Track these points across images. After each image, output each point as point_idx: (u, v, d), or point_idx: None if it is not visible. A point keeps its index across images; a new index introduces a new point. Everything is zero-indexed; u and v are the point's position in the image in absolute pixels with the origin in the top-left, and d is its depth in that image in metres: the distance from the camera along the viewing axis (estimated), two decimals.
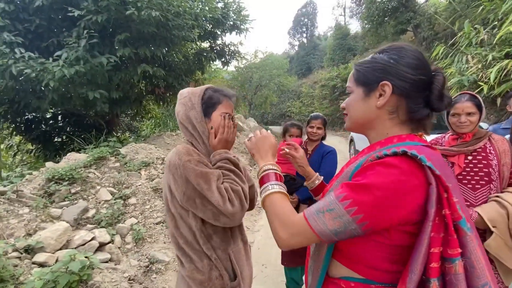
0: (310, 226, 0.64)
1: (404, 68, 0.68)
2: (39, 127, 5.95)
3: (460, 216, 0.57)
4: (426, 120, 0.71)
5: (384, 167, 0.60)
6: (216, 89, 1.10)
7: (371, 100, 0.71)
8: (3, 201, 2.49)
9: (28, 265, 2.08)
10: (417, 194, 0.58)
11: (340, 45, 21.14)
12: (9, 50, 3.57)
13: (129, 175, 3.83)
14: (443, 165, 0.62)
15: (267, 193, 0.76)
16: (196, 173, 0.94)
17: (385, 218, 0.59)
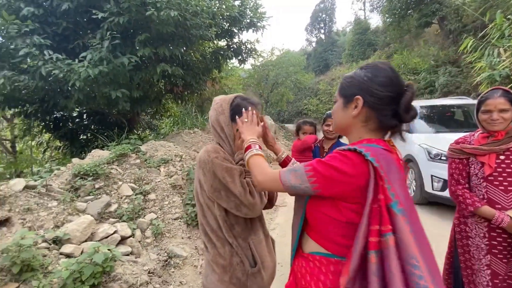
0: (280, 178, 0.86)
1: (375, 85, 0.83)
2: (66, 125, 6.28)
3: (391, 199, 0.73)
4: (395, 129, 0.86)
5: (341, 155, 0.80)
6: (244, 98, 1.22)
7: (348, 110, 0.88)
8: (33, 194, 2.65)
9: (56, 255, 2.21)
10: (359, 178, 0.76)
11: (360, 40, 20.55)
12: (38, 52, 3.77)
13: (149, 172, 3.95)
14: (388, 163, 0.78)
15: (252, 154, 0.99)
16: (222, 167, 1.08)
17: (331, 187, 0.79)
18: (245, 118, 1.14)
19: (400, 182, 0.78)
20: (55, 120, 6.07)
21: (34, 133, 6.77)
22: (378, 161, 0.75)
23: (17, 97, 4.75)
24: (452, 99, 6.17)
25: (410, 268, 0.68)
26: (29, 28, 3.82)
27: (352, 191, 0.78)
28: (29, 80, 3.92)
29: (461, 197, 1.58)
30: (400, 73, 6.92)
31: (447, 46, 11.80)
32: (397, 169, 0.80)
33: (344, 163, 0.78)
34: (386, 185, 0.73)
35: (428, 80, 10.67)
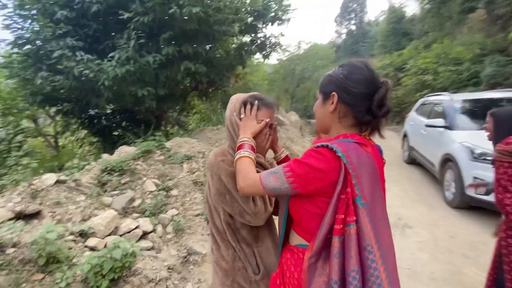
0: (261, 182, 0.90)
1: (350, 83, 0.87)
2: (100, 122, 6.65)
3: (356, 194, 0.79)
4: (371, 124, 0.90)
5: (315, 152, 0.84)
6: (258, 97, 1.17)
7: (326, 106, 0.93)
8: (64, 188, 2.80)
9: (81, 248, 2.31)
10: (332, 173, 0.81)
11: (394, 30, 19.30)
12: (71, 54, 3.98)
13: (172, 168, 4.03)
14: (359, 157, 0.82)
15: (239, 156, 0.99)
16: (227, 172, 1.07)
17: (308, 185, 0.84)
18: (243, 113, 1.12)
19: (369, 176, 0.83)
20: (90, 117, 6.45)
21: (73, 129, 7.27)
22: (348, 157, 0.80)
23: (56, 96, 5.11)
24: (501, 92, 5.50)
25: (366, 253, 0.78)
26: (62, 30, 4.05)
27: (327, 186, 0.83)
28: (64, 80, 4.17)
29: (509, 207, 1.39)
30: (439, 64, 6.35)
31: (494, 33, 10.60)
32: (368, 163, 0.84)
33: (318, 160, 0.83)
34: (354, 180, 0.79)
35: (472, 71, 9.69)
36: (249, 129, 1.08)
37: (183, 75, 4.88)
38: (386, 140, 0.95)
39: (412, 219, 3.88)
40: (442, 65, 11.04)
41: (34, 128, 8.42)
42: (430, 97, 6.46)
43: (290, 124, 9.91)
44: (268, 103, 1.16)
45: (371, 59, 8.14)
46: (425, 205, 4.29)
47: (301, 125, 11.65)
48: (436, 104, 5.77)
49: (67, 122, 6.76)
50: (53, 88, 4.62)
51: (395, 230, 3.60)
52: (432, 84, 11.17)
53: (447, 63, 10.96)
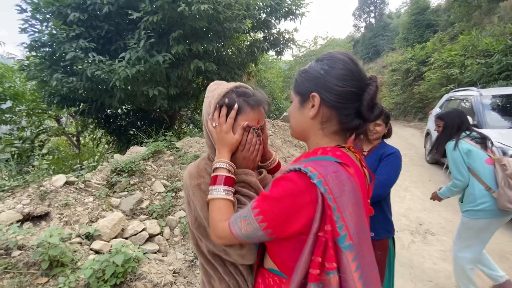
0: (231, 231, 0.73)
1: (332, 80, 0.70)
2: (115, 121, 6.78)
3: (339, 234, 0.62)
4: (358, 129, 0.74)
5: (286, 181, 0.66)
6: (242, 93, 0.88)
7: (305, 111, 0.75)
8: (73, 190, 2.82)
9: (86, 251, 2.30)
10: (309, 209, 0.64)
11: (417, 22, 18.33)
12: (84, 55, 4.03)
13: (182, 168, 3.99)
14: (340, 183, 0.64)
15: (210, 197, 0.81)
16: (203, 204, 0.84)
17: (284, 228, 0.66)
18: (216, 120, 0.85)
19: (353, 206, 0.66)
20: (106, 117, 6.59)
21: (90, 128, 7.49)
22: (326, 183, 0.63)
23: (72, 97, 5.23)
24: None
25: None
26: (75, 32, 4.10)
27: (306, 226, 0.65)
28: (77, 81, 4.24)
29: None
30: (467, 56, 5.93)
31: None
32: (351, 188, 0.67)
33: (288, 190, 0.65)
34: (335, 215, 0.62)
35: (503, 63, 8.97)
36: (224, 146, 0.84)
37: (193, 73, 4.83)
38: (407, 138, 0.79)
39: (435, 225, 3.61)
40: (470, 57, 10.33)
41: (57, 128, 8.79)
42: (456, 92, 6.04)
43: None
44: (254, 101, 0.87)
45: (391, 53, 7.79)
46: (450, 209, 3.98)
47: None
48: (463, 100, 5.36)
49: (85, 122, 6.95)
50: (69, 89, 4.73)
51: (416, 237, 3.35)
52: (459, 78, 10.50)
53: (475, 56, 10.24)
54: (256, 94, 0.90)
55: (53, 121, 9.49)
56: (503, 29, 10.22)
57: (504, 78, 8.92)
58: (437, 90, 11.52)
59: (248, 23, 5.48)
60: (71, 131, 9.73)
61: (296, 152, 6.50)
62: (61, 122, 9.48)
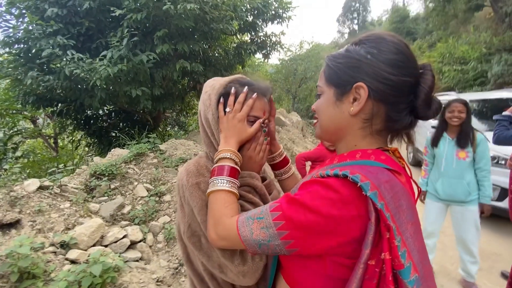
0: (238, 232, 0.59)
1: (384, 66, 0.55)
2: (96, 123, 6.50)
3: (402, 265, 0.48)
4: (407, 130, 0.60)
5: (323, 188, 0.52)
6: (245, 82, 0.80)
7: (344, 105, 0.60)
8: (47, 195, 2.64)
9: (61, 261, 2.14)
10: (353, 225, 0.50)
11: (397, 29, 19.07)
12: (62, 53, 3.83)
13: (166, 172, 3.85)
14: (396, 195, 0.51)
15: (213, 189, 0.68)
16: (203, 205, 0.72)
17: (312, 243, 0.52)
18: (230, 105, 0.75)
19: (413, 227, 0.52)
20: (86, 118, 6.31)
21: (69, 130, 7.14)
22: (382, 197, 0.48)
23: (49, 97, 4.96)
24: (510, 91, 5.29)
25: None
26: (53, 28, 3.89)
27: (344, 245, 0.51)
28: (55, 80, 4.01)
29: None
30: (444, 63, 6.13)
31: (501, 31, 10.37)
32: (408, 204, 0.52)
33: (329, 200, 0.50)
34: (396, 239, 0.47)
35: (478, 70, 9.46)
36: (234, 135, 0.74)
37: (179, 74, 4.71)
38: None
39: None
40: (447, 64, 10.82)
41: (33, 129, 8.33)
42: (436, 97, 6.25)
43: (291, 124, 9.71)
44: (259, 90, 0.79)
45: None
46: None
47: (303, 125, 11.45)
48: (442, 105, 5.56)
49: (63, 123, 6.63)
50: (46, 88, 4.47)
51: None
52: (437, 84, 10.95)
53: (452, 63, 10.74)
54: (260, 83, 0.82)
55: (28, 122, 8.99)
56: (478, 37, 10.80)
57: (479, 84, 9.40)
58: None
59: (235, 25, 5.44)
60: (48, 133, 9.26)
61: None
62: (37, 123, 9.00)
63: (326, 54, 0.66)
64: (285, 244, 0.54)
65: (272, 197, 0.83)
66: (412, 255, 0.49)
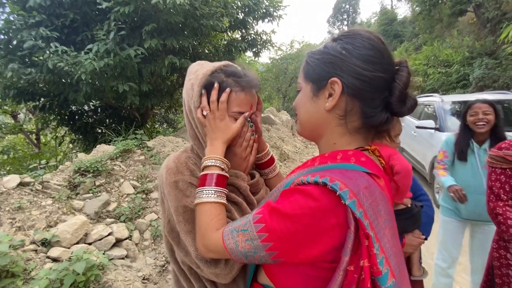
0: (224, 244, 0.60)
1: (358, 61, 0.55)
2: (81, 118, 6.32)
3: (380, 272, 0.49)
4: (384, 126, 0.58)
5: (303, 196, 0.52)
6: (231, 72, 0.75)
7: (320, 101, 0.60)
8: (28, 192, 2.55)
9: (42, 259, 2.07)
10: (333, 234, 0.51)
11: (386, 32, 19.44)
12: (45, 45, 3.69)
13: (154, 169, 3.80)
14: (374, 201, 0.51)
15: (199, 201, 0.67)
16: (179, 204, 0.70)
17: (295, 253, 0.53)
18: (205, 107, 0.72)
19: (390, 231, 0.53)
20: (71, 113, 6.12)
21: (52, 126, 6.91)
22: (360, 205, 0.48)
23: (31, 91, 4.78)
24: (490, 94, 5.51)
25: None
26: (35, 19, 3.75)
27: (325, 253, 0.51)
28: (37, 73, 3.87)
29: (501, 216, 1.30)
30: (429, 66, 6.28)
31: (483, 36, 10.77)
32: (386, 208, 0.53)
33: (309, 209, 0.50)
34: (375, 247, 0.48)
35: (461, 73, 9.79)
36: (218, 137, 0.72)
37: (168, 70, 4.63)
38: None
39: None
40: (432, 67, 11.14)
41: (13, 124, 8.01)
42: (420, 98, 6.43)
43: (281, 123, 9.76)
44: (246, 83, 0.74)
45: None
46: None
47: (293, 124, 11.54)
48: (426, 106, 5.73)
49: (46, 118, 6.41)
50: (27, 82, 4.30)
51: None
52: (422, 86, 11.26)
53: (436, 65, 11.06)
54: (248, 74, 0.76)
55: (8, 117, 8.65)
56: (461, 41, 11.18)
57: (462, 87, 9.73)
58: None
59: (226, 22, 5.40)
60: (30, 129, 8.94)
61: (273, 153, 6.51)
62: (18, 119, 8.67)
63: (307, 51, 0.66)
64: (270, 255, 0.54)
65: (259, 197, 0.81)
66: (389, 260, 0.51)
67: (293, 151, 7.79)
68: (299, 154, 7.77)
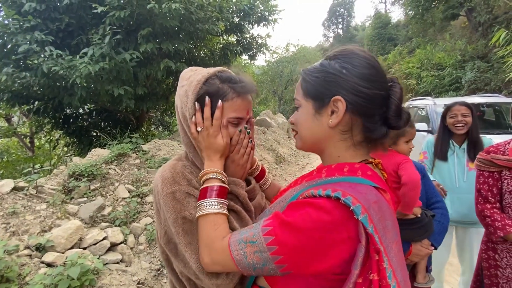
0: (231, 255, 0.59)
1: (358, 80, 0.58)
2: (76, 122, 6.30)
3: (389, 285, 0.50)
4: (383, 139, 0.62)
5: (315, 209, 0.53)
6: (226, 78, 0.74)
7: (323, 118, 0.62)
8: (22, 196, 2.54)
9: (36, 264, 2.07)
10: (344, 247, 0.52)
11: (380, 35, 19.69)
12: (39, 49, 3.70)
13: (149, 172, 3.80)
14: (383, 215, 0.53)
15: (201, 213, 0.66)
16: (177, 217, 0.68)
17: (305, 266, 0.54)
18: (200, 123, 0.72)
19: (397, 246, 0.55)
20: (65, 117, 6.10)
21: (47, 129, 6.87)
22: (371, 220, 0.50)
23: (26, 94, 4.76)
24: (482, 97, 5.61)
25: None
26: (30, 24, 3.75)
27: (335, 267, 0.52)
28: (31, 77, 3.87)
29: (489, 218, 1.33)
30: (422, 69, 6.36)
31: (475, 39, 10.97)
32: (393, 223, 0.56)
33: (321, 222, 0.51)
34: (384, 261, 0.50)
35: (453, 76, 9.94)
36: (215, 151, 0.72)
37: (163, 73, 4.65)
38: None
39: None
40: (425, 70, 11.30)
41: (7, 128, 7.93)
42: (414, 101, 6.52)
43: (277, 126, 9.82)
44: (242, 88, 0.73)
45: None
46: None
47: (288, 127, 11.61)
48: (420, 109, 5.81)
49: (40, 122, 6.37)
50: (22, 85, 4.29)
51: None
52: (416, 89, 11.41)
53: (429, 68, 11.22)
54: (243, 79, 0.75)
55: (2, 120, 8.56)
56: (453, 45, 11.37)
57: (454, 90, 9.88)
58: None
59: (221, 26, 5.45)
60: (24, 132, 8.86)
61: (269, 156, 6.55)
62: (12, 122, 8.59)
63: (302, 68, 0.68)
64: (279, 268, 0.55)
65: (255, 203, 0.81)
66: (396, 274, 0.52)
67: (289, 153, 7.84)
68: (295, 156, 7.82)
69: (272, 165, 6.20)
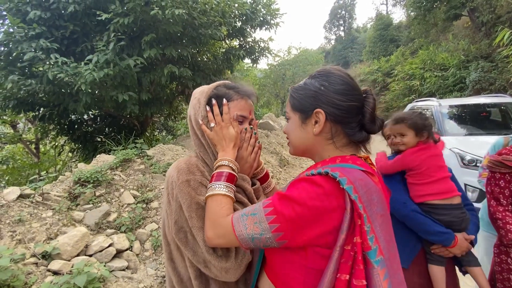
0: (233, 228, 0.66)
1: (334, 95, 0.70)
2: (81, 128, 6.33)
3: (370, 247, 0.57)
4: (364, 142, 0.74)
5: (308, 183, 0.62)
6: (231, 86, 0.90)
7: (308, 127, 0.74)
8: (28, 204, 2.54)
9: (43, 272, 2.06)
10: (334, 215, 0.59)
11: (381, 36, 19.65)
12: (45, 56, 3.73)
13: (154, 178, 3.79)
14: (369, 191, 0.61)
15: (210, 193, 0.74)
16: (192, 201, 0.75)
17: (300, 234, 0.60)
18: (212, 120, 0.84)
19: (382, 218, 0.63)
20: (70, 123, 6.14)
21: (52, 135, 6.92)
22: (356, 191, 0.59)
23: (31, 101, 4.80)
24: (487, 97, 5.55)
25: None
26: (35, 31, 3.79)
27: (325, 234, 0.60)
28: (37, 84, 3.90)
29: (501, 221, 1.31)
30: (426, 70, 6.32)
31: (478, 39, 10.89)
32: (379, 199, 0.64)
33: (315, 195, 0.60)
34: (366, 225, 0.57)
35: (457, 77, 9.87)
36: (229, 143, 0.82)
37: (167, 78, 4.67)
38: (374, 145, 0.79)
39: None
40: (428, 70, 11.23)
41: (13, 134, 8.00)
42: (418, 102, 6.47)
43: (280, 129, 9.79)
44: (244, 91, 0.88)
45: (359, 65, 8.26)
46: None
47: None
48: (424, 110, 5.75)
49: (45, 128, 6.42)
50: (27, 93, 4.33)
51: None
52: (419, 89, 11.34)
53: (433, 69, 11.15)
54: (245, 87, 0.90)
55: (8, 127, 8.64)
56: (456, 45, 11.29)
57: (458, 90, 9.80)
58: (400, 100, 12.33)
59: (224, 30, 5.47)
60: (29, 138, 8.93)
61: (273, 159, 6.52)
62: (17, 128, 8.67)
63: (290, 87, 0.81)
64: (276, 237, 0.62)
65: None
66: (379, 241, 0.59)
67: (292, 156, 7.81)
68: (298, 159, 7.78)
69: (276, 168, 6.17)
